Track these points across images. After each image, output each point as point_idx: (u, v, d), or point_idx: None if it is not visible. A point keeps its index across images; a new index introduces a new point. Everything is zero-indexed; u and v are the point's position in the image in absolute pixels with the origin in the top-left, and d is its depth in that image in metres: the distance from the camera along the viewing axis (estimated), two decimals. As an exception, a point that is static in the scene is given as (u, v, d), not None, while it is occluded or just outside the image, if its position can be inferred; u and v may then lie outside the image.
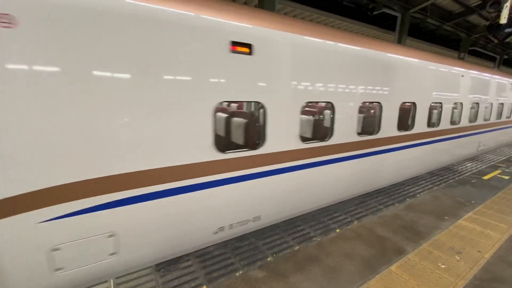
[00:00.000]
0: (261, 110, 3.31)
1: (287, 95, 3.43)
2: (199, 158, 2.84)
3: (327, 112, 5.24)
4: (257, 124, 3.67)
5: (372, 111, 6.12)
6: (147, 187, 2.58)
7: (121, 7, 2.27)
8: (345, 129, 4.27)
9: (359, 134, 4.53)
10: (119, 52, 2.28)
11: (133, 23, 2.32)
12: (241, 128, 3.96)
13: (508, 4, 8.43)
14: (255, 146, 3.37)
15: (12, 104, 1.95)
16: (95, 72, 2.21)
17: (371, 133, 4.84)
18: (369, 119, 5.56)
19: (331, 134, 4.08)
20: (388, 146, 5.18)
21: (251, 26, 3.02)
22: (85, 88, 2.19)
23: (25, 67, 1.96)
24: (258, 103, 3.27)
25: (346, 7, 10.92)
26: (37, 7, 1.95)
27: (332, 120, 4.06)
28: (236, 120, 4.14)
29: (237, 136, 4.08)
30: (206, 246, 3.33)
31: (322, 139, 4.09)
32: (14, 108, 1.96)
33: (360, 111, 4.60)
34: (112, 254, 2.52)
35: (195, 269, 3.08)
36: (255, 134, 3.77)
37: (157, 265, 3.11)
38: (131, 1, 2.32)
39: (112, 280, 2.85)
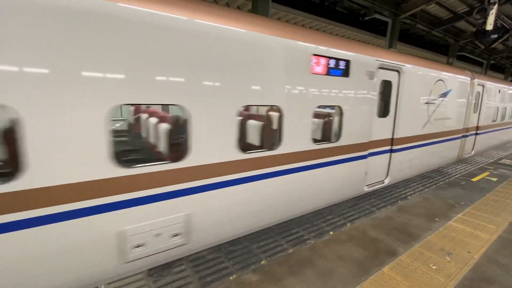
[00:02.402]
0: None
1: None
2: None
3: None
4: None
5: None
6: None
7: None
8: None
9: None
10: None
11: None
12: None
13: (494, 11, 8.73)
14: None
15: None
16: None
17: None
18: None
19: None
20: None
21: None
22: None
23: None
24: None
25: (338, 12, 11.11)
26: None
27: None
28: None
29: None
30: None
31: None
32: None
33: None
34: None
35: (189, 273, 3.05)
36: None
37: (150, 270, 3.07)
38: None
39: (103, 286, 2.80)
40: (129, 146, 6.78)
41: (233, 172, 3.38)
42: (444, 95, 7.07)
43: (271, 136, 4.38)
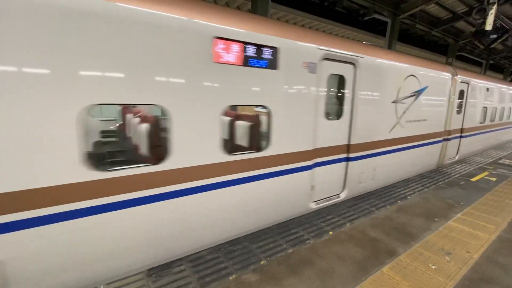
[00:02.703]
0: None
1: None
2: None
3: None
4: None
5: None
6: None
7: None
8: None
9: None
10: None
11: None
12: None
13: (493, 11, 8.75)
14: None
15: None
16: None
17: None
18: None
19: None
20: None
21: None
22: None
23: None
24: None
25: (338, 12, 11.12)
26: None
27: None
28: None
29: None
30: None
31: None
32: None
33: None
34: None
35: (188, 273, 3.05)
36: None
37: (149, 270, 3.07)
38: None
39: (102, 286, 2.79)
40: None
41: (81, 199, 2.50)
42: (418, 93, 6.15)
43: (155, 147, 3.56)
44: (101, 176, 2.50)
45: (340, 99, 4.76)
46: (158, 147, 3.58)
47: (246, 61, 3.24)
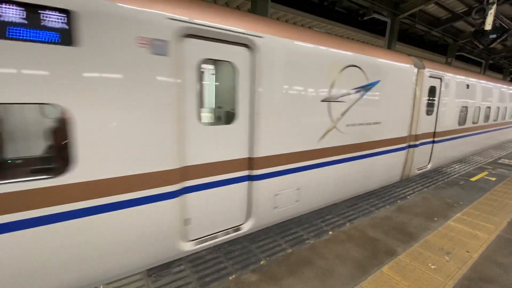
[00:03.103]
0: None
1: None
2: None
3: None
4: None
5: None
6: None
7: None
8: None
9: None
10: None
11: None
12: None
13: (492, 11, 8.75)
14: None
15: None
16: None
17: None
18: None
19: None
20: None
21: None
22: None
23: None
24: None
25: (337, 12, 11.13)
26: None
27: None
28: None
29: None
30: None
31: None
32: None
33: None
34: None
35: (188, 274, 3.05)
36: None
37: (149, 270, 3.07)
38: None
39: (102, 286, 2.79)
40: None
41: None
42: (364, 89, 4.86)
43: None
44: None
45: (231, 96, 3.50)
46: None
47: (5, 31, 2.09)
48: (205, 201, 3.37)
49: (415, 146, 6.58)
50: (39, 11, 2.18)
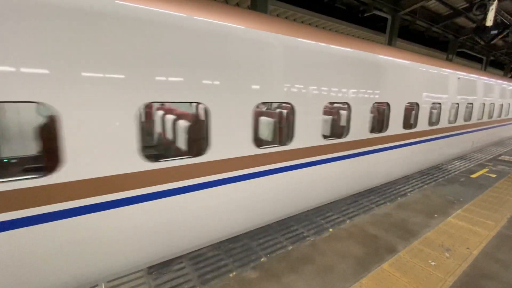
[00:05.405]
0: None
1: None
2: None
3: None
4: None
5: None
6: None
7: None
8: None
9: None
10: None
11: None
12: None
13: (493, 7, 8.69)
14: None
15: None
16: None
17: None
18: None
19: None
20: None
21: None
22: None
23: None
24: None
25: (338, 9, 11.05)
26: None
27: None
28: None
29: None
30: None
31: None
32: None
33: None
34: None
35: (188, 271, 3.05)
36: None
37: (149, 268, 3.08)
38: None
39: (103, 284, 2.80)
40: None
41: None
42: None
43: None
44: None
45: None
46: None
47: None
48: None
49: None
50: None
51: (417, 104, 6.34)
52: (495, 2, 8.61)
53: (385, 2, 10.11)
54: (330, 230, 3.99)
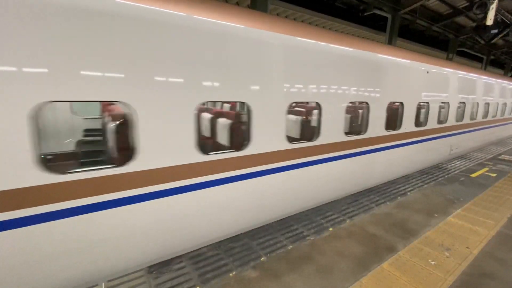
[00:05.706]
0: None
1: None
2: None
3: None
4: None
5: None
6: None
7: None
8: None
9: None
10: None
11: None
12: None
13: (494, 6, 8.67)
14: None
15: None
16: None
17: None
18: None
19: None
20: None
21: None
22: None
23: None
24: None
25: (338, 8, 11.03)
26: None
27: None
28: None
29: None
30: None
31: None
32: None
33: None
34: None
35: (188, 270, 3.06)
36: None
37: (150, 267, 3.08)
38: None
39: (103, 284, 2.81)
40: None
41: None
42: None
43: None
44: None
45: None
46: None
47: None
48: None
49: None
50: None
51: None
52: (496, 1, 8.58)
53: (385, 1, 10.09)
54: (330, 229, 4.00)
